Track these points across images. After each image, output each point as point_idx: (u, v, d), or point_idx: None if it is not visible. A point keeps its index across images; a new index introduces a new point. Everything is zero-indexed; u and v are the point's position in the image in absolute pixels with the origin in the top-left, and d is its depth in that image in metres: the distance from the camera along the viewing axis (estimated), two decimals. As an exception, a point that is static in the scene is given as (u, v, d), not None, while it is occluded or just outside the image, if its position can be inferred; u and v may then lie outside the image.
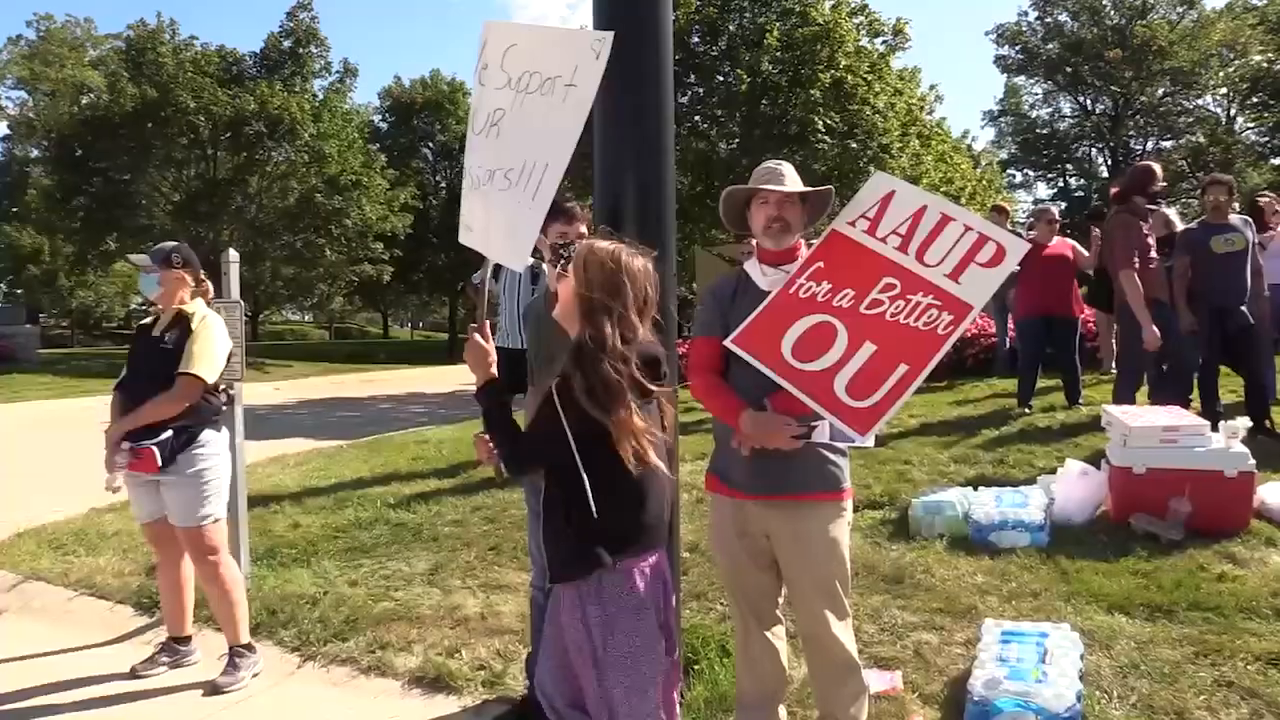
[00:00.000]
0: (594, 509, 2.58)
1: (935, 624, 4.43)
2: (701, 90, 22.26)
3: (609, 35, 2.86)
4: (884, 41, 22.97)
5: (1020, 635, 3.87)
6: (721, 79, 21.71)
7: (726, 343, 3.09)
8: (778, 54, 20.86)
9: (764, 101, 20.96)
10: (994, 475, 6.71)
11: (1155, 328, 6.70)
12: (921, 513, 5.65)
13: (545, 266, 4.04)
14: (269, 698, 4.33)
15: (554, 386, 2.59)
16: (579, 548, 2.64)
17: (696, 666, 4.06)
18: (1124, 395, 7.07)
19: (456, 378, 24.51)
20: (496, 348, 2.94)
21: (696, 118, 22.72)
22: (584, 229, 3.64)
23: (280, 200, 36.37)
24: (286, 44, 37.60)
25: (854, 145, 20.53)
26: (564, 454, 2.57)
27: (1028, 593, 4.68)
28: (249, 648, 4.56)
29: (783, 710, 3.37)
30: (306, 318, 71.28)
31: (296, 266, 39.54)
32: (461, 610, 5.07)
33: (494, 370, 2.86)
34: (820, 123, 20.21)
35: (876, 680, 3.87)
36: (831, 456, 3.10)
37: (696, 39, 22.02)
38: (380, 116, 51.23)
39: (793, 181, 3.18)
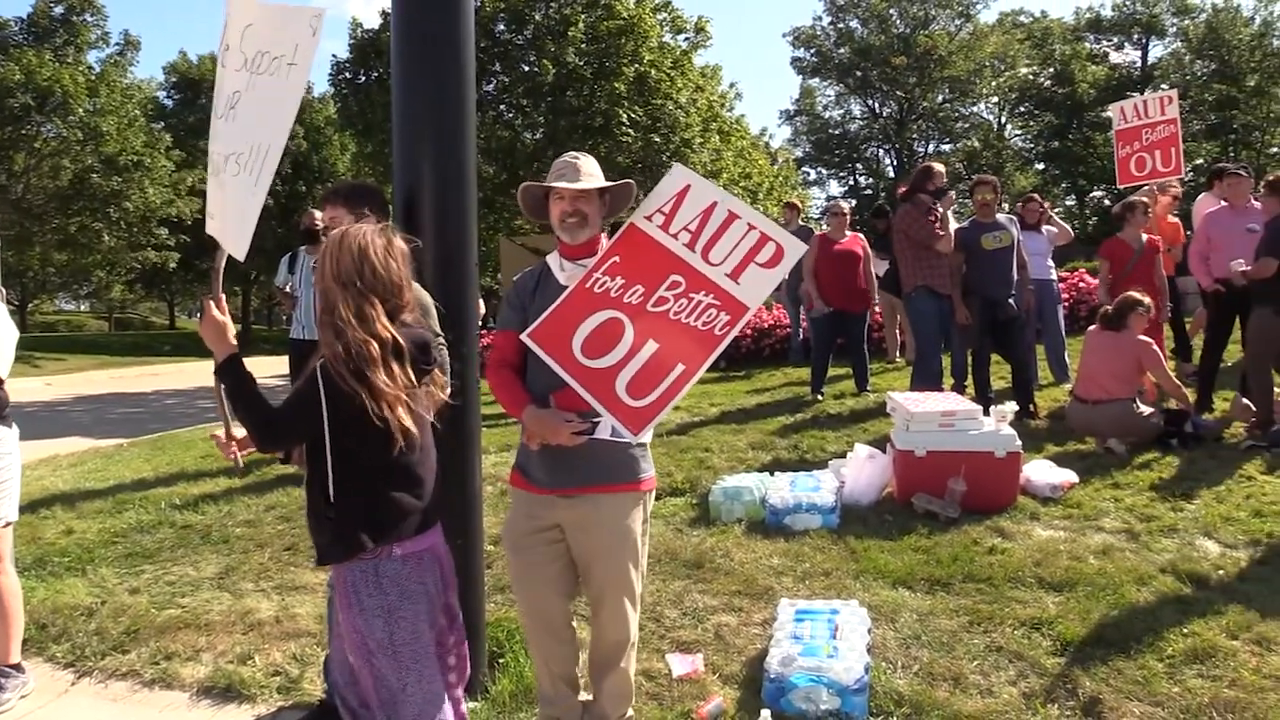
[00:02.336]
0: (331, 492, 2.54)
1: (734, 606, 4.56)
2: (507, 79, 22.05)
3: (323, 11, 2.84)
4: (686, 38, 23.42)
5: (813, 613, 4.04)
6: (527, 68, 21.58)
7: (522, 337, 3.08)
8: (583, 45, 20.93)
9: (569, 92, 20.97)
10: (789, 460, 6.98)
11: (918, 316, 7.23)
12: (721, 498, 5.81)
13: None
14: None
15: (318, 364, 2.53)
16: (339, 531, 2.58)
17: (502, 660, 4.04)
18: (922, 381, 7.56)
19: (251, 371, 23.31)
20: (295, 340, 2.85)
21: (501, 106, 22.49)
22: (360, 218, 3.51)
23: (51, 180, 33.48)
24: (58, 10, 34.61)
25: (657, 139, 20.84)
26: (317, 429, 2.51)
27: (820, 572, 4.89)
28: (17, 668, 4.18)
29: (581, 698, 3.39)
30: (83, 307, 66.20)
31: (70, 252, 36.54)
32: (255, 614, 4.84)
33: (233, 343, 2.76)
34: (624, 115, 20.41)
35: (678, 664, 3.96)
36: (629, 449, 3.12)
37: (502, 27, 21.78)
38: (165, 93, 48.08)
39: (590, 175, 3.17)
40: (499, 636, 4.14)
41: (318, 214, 6.70)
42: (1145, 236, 8.46)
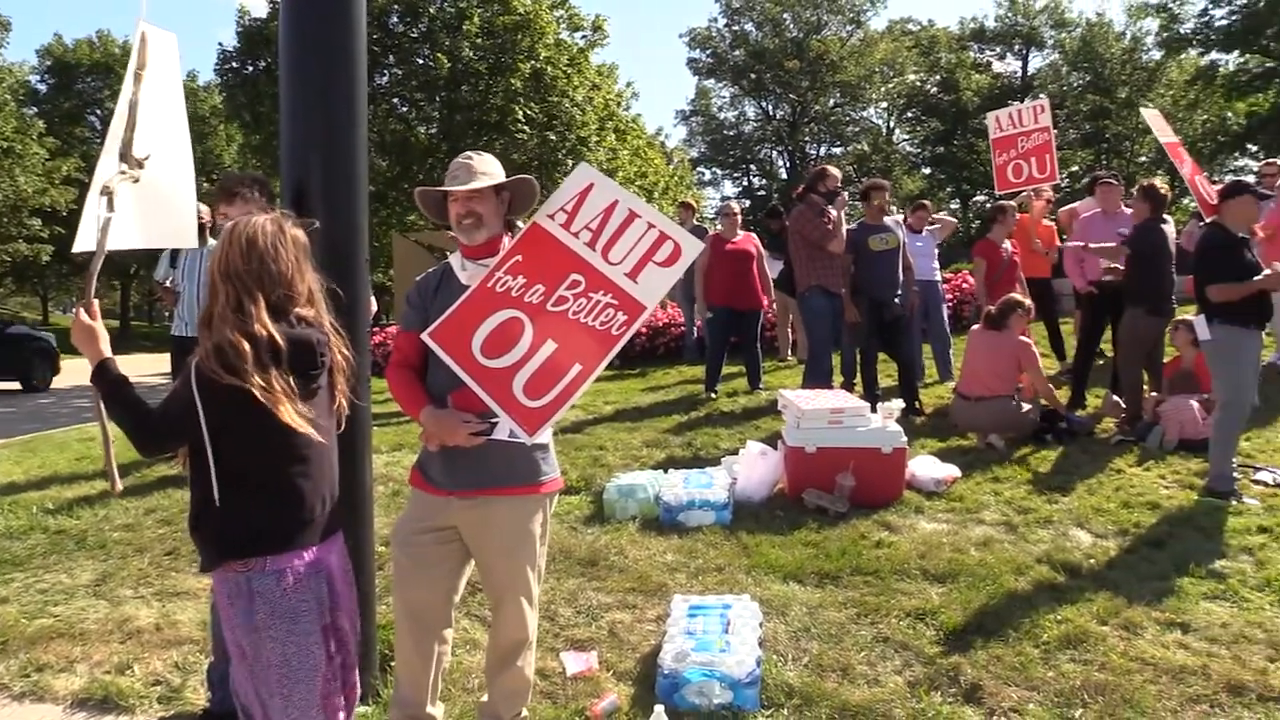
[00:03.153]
0: (216, 496, 2.42)
1: (628, 603, 4.58)
2: (400, 72, 21.72)
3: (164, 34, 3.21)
4: (583, 36, 23.44)
5: (706, 609, 4.09)
6: (421, 62, 21.29)
7: (423, 337, 3.04)
8: (478, 40, 20.74)
9: (464, 87, 20.77)
10: (683, 458, 7.04)
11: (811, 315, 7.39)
12: (615, 496, 5.83)
13: None
14: (-109, 736, 3.78)
15: (192, 364, 2.41)
16: (212, 538, 2.48)
17: (394, 664, 3.96)
18: (814, 379, 7.70)
19: (131, 368, 22.42)
20: (178, 337, 2.75)
21: (395, 100, 22.14)
22: (254, 210, 3.40)
23: (-88, 166, 31.74)
24: (-78, -10, 32.82)
25: (553, 136, 20.81)
26: (196, 431, 2.40)
27: (713, 568, 4.95)
28: None
29: (440, 708, 3.33)
30: (-56, 302, 62.56)
31: (-69, 243, 34.69)
32: (134, 622, 4.64)
33: (105, 349, 2.64)
34: (520, 112, 20.32)
35: (573, 662, 3.95)
36: (532, 450, 3.10)
37: (395, 19, 21.44)
38: (39, 78, 45.88)
39: (486, 174, 3.12)
40: (391, 639, 4.06)
41: (203, 207, 6.51)
42: (1008, 243, 8.83)
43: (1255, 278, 5.78)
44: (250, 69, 21.92)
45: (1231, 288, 5.77)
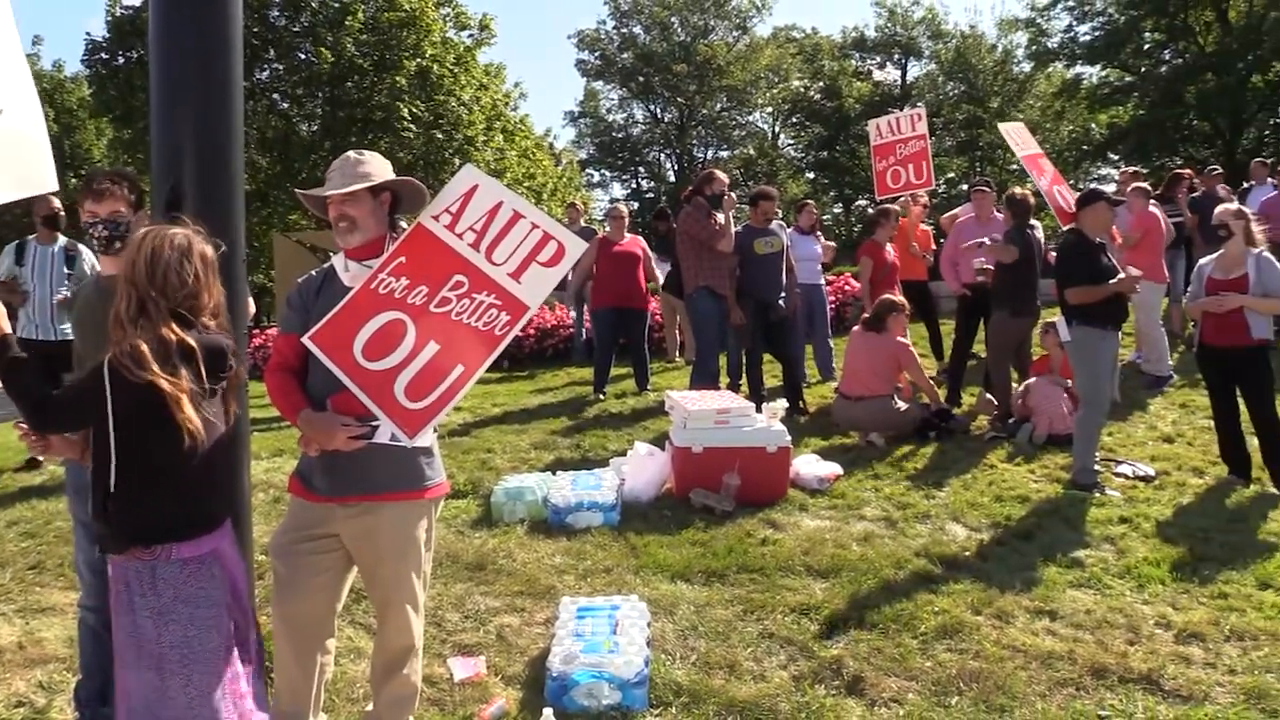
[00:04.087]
0: (119, 484, 2.51)
1: (517, 606, 4.55)
2: (281, 67, 21.14)
3: None
4: (470, 35, 23.18)
5: (594, 610, 4.09)
6: (303, 57, 20.76)
7: (303, 339, 2.96)
8: (362, 36, 20.33)
9: (348, 84, 20.34)
10: (571, 459, 7.04)
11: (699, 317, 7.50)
12: (503, 499, 5.79)
13: (84, 248, 3.61)
14: None
15: (106, 358, 2.49)
16: (118, 525, 2.54)
17: (274, 675, 3.85)
18: (701, 379, 7.78)
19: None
20: (23, 340, 2.63)
21: (275, 95, 21.54)
22: (123, 208, 3.26)
23: None
24: None
25: (439, 135, 20.55)
26: (92, 420, 2.50)
27: (601, 569, 4.96)
28: None
29: (323, 718, 3.27)
30: None
31: None
32: (-10, 640, 4.41)
33: (4, 324, 2.66)
34: (406, 110, 20.00)
35: (460, 667, 3.91)
36: (416, 455, 3.05)
37: (276, 12, 20.85)
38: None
39: (363, 176, 3.06)
40: (271, 649, 3.95)
41: (55, 200, 6.21)
42: (888, 246, 9.12)
43: (1111, 281, 6.09)
44: (121, 60, 21.01)
45: (1088, 290, 6.06)
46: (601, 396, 9.15)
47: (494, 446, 7.42)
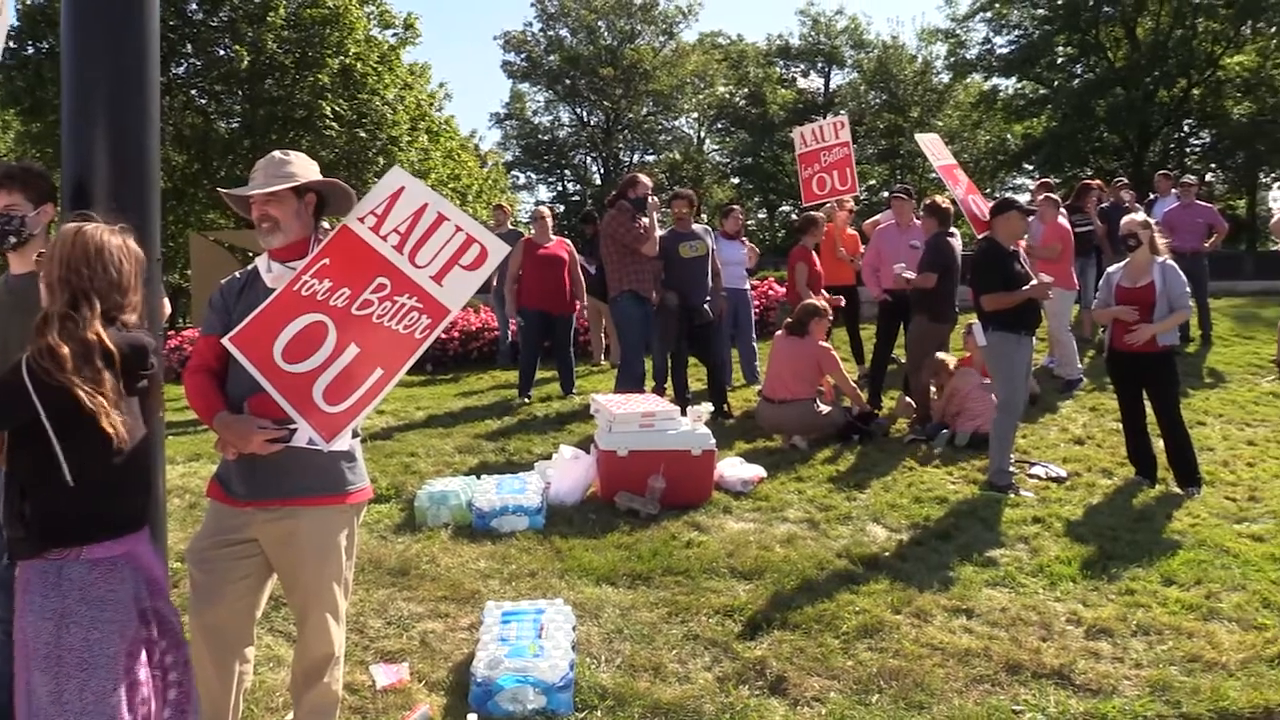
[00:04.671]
0: (37, 485, 2.46)
1: (441, 612, 4.51)
2: (199, 62, 20.65)
3: None
4: (395, 34, 22.93)
5: (519, 614, 4.07)
6: (222, 52, 20.30)
7: (223, 341, 2.90)
8: (284, 32, 19.96)
9: (268, 81, 19.95)
10: (496, 463, 7.00)
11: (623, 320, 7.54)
12: (427, 503, 5.73)
13: None
14: None
15: (24, 357, 2.43)
16: (30, 527, 2.47)
17: (187, 684, 3.77)
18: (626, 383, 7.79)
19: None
20: None
21: (193, 91, 21.03)
22: (20, 202, 3.16)
23: None
24: None
25: (363, 135, 20.28)
26: (17, 417, 2.42)
27: (526, 573, 4.94)
28: None
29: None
30: None
31: None
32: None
33: None
34: (328, 109, 19.70)
35: (383, 674, 3.86)
36: (339, 460, 3.00)
37: (194, 5, 20.37)
38: None
39: (288, 176, 3.00)
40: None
41: None
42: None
43: (1023, 288, 6.26)
44: (31, 50, 20.30)
45: (1002, 297, 6.24)
46: (527, 400, 9.11)
47: (418, 450, 7.34)
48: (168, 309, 4.67)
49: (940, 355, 7.60)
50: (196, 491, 6.18)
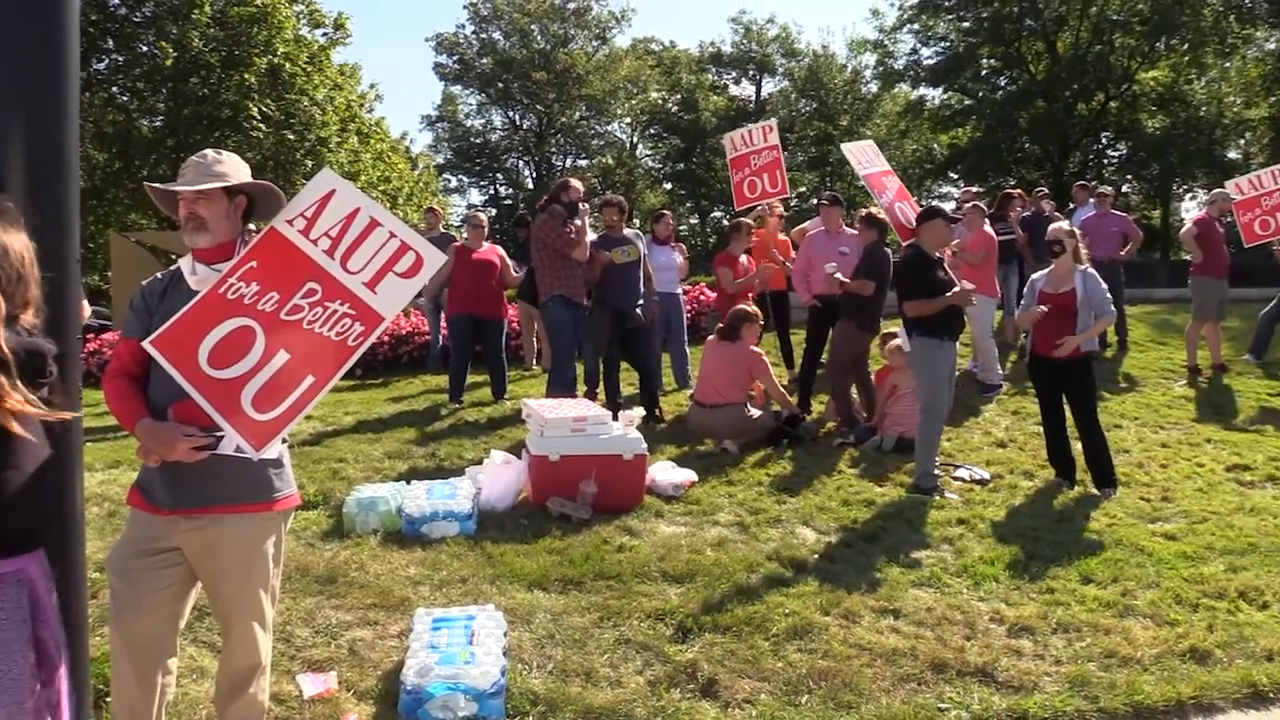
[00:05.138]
0: None
1: (370, 620, 4.45)
2: (121, 59, 20.14)
3: None
4: (324, 34, 22.60)
5: (450, 621, 4.04)
6: (145, 49, 19.82)
7: (144, 344, 2.83)
8: (210, 30, 19.55)
9: (193, 79, 19.52)
10: (426, 469, 6.93)
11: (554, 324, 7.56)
12: (355, 510, 5.65)
13: None
14: None
15: None
16: None
17: (109, 700, 3.66)
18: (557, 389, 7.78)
19: None
20: None
21: (114, 88, 20.49)
22: None
23: None
24: None
25: (291, 136, 19.96)
26: None
27: (457, 579, 4.90)
28: None
29: None
30: None
31: None
32: None
33: None
34: (255, 109, 19.35)
35: (310, 684, 3.80)
36: (265, 465, 2.94)
37: (118, 1, 19.85)
38: None
39: (220, 176, 2.94)
40: (105, 673, 3.75)
41: None
42: (744, 257, 9.35)
43: (946, 294, 6.40)
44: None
45: (926, 303, 6.37)
46: (458, 405, 9.05)
47: (346, 456, 7.24)
48: (87, 311, 4.55)
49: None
50: (116, 499, 6.02)
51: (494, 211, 43.25)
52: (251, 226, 3.14)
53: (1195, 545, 5.49)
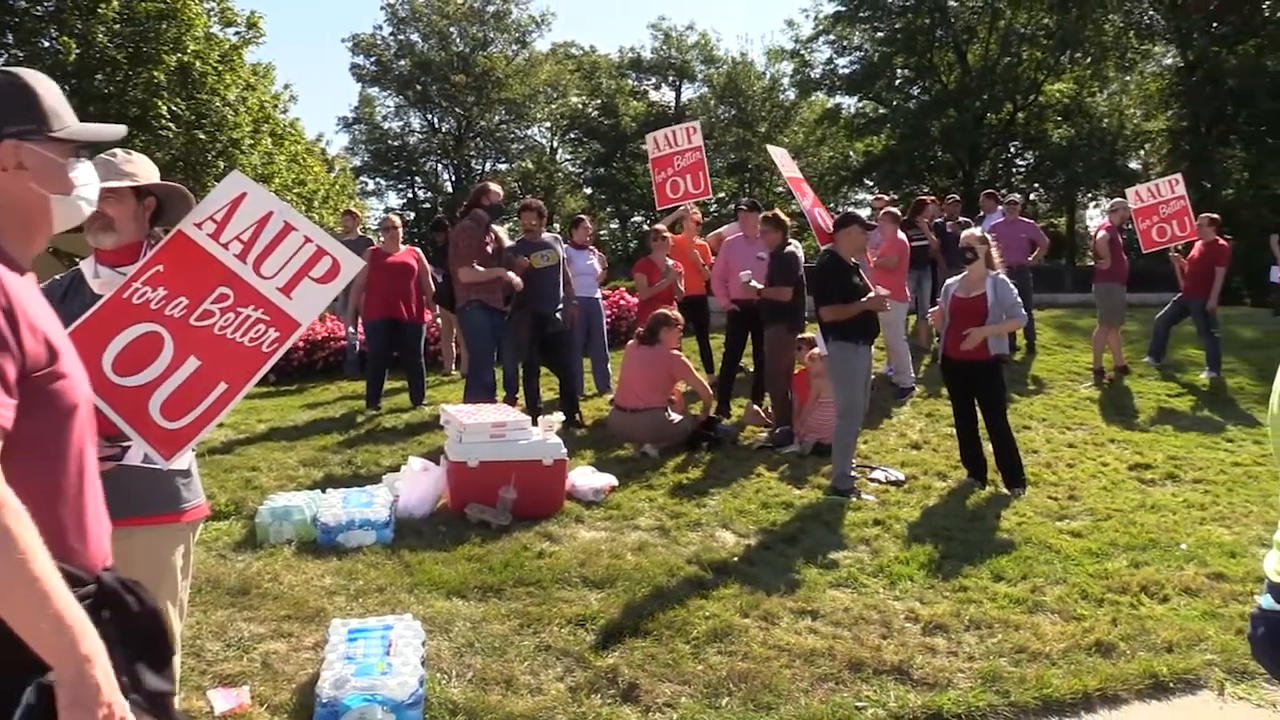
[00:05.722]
0: None
1: (284, 631, 4.35)
2: (21, 54, 19.36)
3: None
4: (237, 32, 22.04)
5: (366, 631, 3.97)
6: (47, 44, 19.11)
7: None
8: (116, 26, 18.93)
9: (99, 76, 18.88)
10: (342, 476, 6.82)
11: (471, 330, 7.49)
12: (269, 519, 5.52)
13: None
14: None
15: None
16: None
17: None
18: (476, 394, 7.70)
19: None
20: None
21: (12, 85, 19.69)
22: None
23: None
24: None
25: (202, 136, 19.42)
26: None
27: (374, 589, 4.82)
28: None
29: None
30: None
31: None
32: None
33: None
34: (164, 108, 18.78)
35: (221, 699, 3.70)
36: (171, 475, 2.85)
37: (19, -7, 19.13)
38: None
39: (130, 175, 2.85)
40: None
41: None
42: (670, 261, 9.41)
43: (862, 299, 6.52)
44: None
45: (843, 308, 6.48)
46: (375, 411, 8.91)
47: (260, 464, 7.08)
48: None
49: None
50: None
51: (412, 215, 42.77)
52: (159, 231, 3.06)
53: (1100, 542, 5.67)
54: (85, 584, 1.72)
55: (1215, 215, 11.20)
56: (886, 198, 14.24)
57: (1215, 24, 30.24)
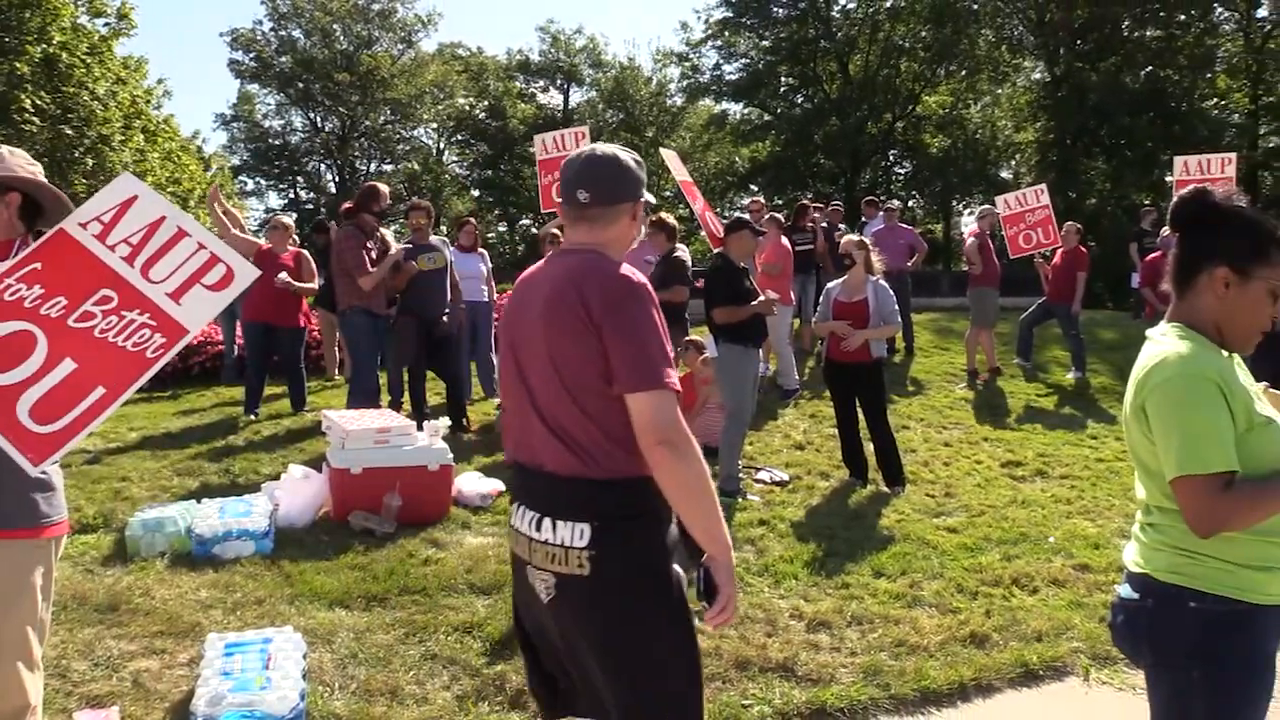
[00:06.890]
0: None
1: (156, 648, 4.19)
2: None
3: None
4: (106, 24, 21.20)
5: (244, 645, 3.85)
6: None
7: None
8: (-25, 15, 18.01)
9: (-46, 68, 17.92)
10: (219, 485, 6.60)
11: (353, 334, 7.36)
12: (140, 532, 5.30)
13: None
14: None
15: None
16: None
17: None
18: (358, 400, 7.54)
19: None
20: None
21: None
22: None
23: None
24: None
25: (69, 131, 18.63)
26: None
27: (253, 601, 4.68)
28: None
29: None
30: None
31: None
32: None
33: None
34: (28, 101, 17.94)
35: (88, 721, 3.54)
36: (30, 487, 2.72)
37: None
38: None
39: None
40: None
41: None
42: None
43: (752, 303, 6.63)
44: None
45: (732, 311, 6.57)
46: (253, 417, 8.65)
47: (130, 474, 6.79)
48: None
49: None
50: None
51: (295, 215, 41.68)
52: (41, 230, 2.93)
53: (974, 537, 5.89)
54: None
55: (1079, 225, 11.76)
56: (762, 201, 14.50)
57: (1079, 41, 31.73)
